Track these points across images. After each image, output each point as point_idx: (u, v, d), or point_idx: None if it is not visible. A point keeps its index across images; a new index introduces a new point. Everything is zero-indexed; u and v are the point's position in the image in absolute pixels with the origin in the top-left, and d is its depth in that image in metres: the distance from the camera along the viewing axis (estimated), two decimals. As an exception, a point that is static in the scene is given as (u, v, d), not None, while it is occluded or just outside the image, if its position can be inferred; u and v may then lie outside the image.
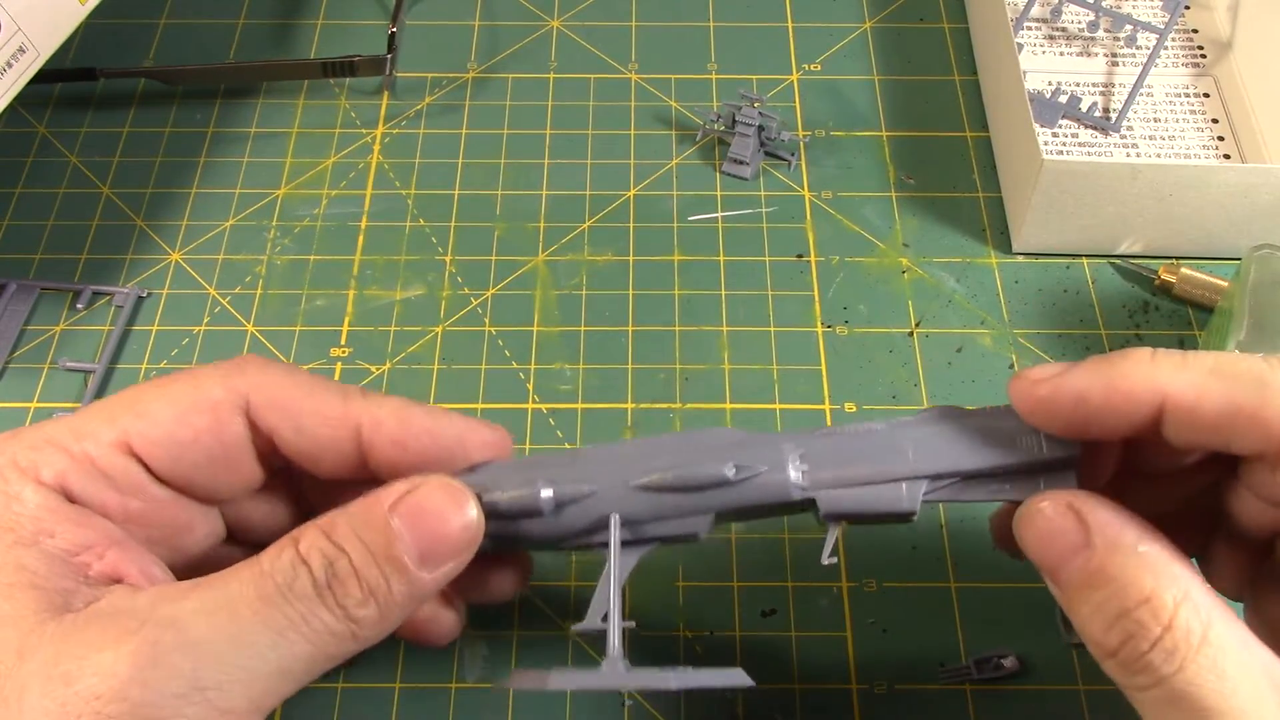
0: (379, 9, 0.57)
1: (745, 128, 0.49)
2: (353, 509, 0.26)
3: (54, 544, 0.25)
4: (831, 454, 0.29)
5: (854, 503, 0.29)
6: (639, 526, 0.29)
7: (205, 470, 0.28)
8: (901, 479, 0.29)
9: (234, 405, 0.28)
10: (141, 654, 0.23)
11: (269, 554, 0.25)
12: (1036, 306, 0.46)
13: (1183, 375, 0.26)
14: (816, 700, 0.36)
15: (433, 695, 0.37)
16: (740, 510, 0.29)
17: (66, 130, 0.51)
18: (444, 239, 0.48)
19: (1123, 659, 0.24)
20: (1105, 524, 0.26)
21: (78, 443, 0.26)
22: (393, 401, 0.29)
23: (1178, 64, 0.53)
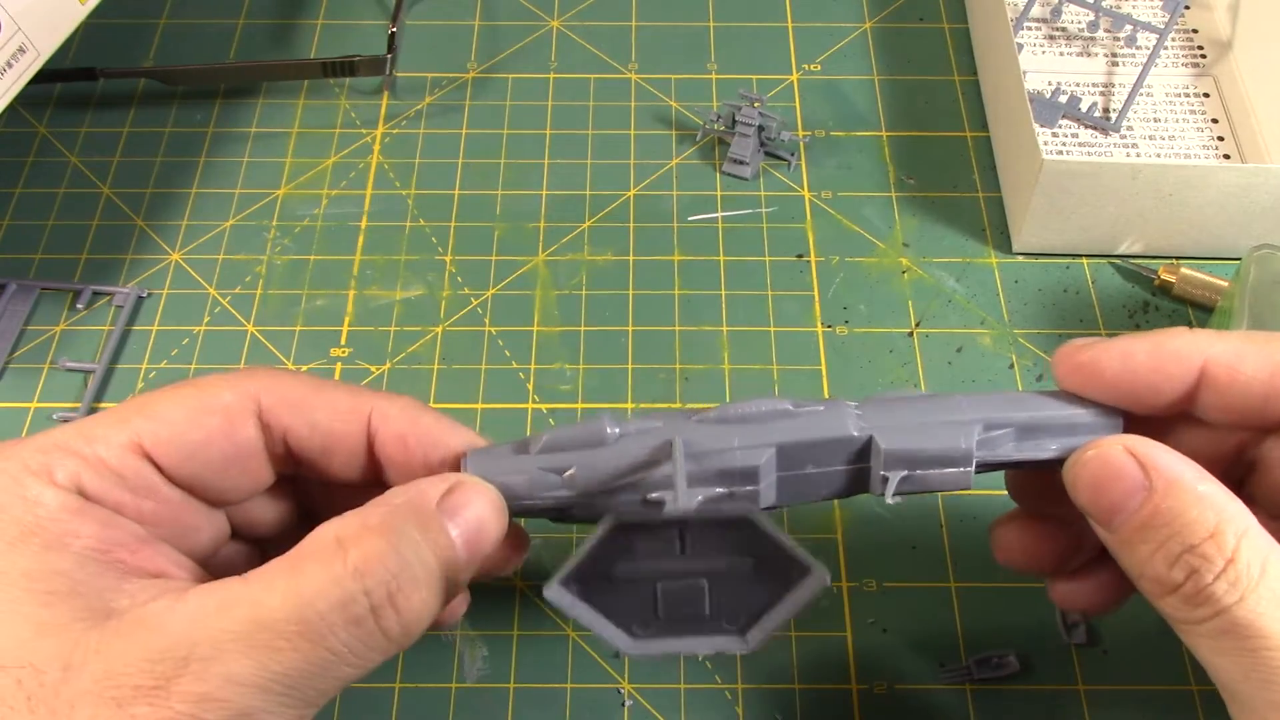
0: (379, 9, 0.57)
1: (745, 128, 0.49)
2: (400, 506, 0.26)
3: (83, 544, 0.25)
4: (886, 406, 0.30)
5: (911, 441, 0.29)
6: (701, 458, 0.28)
7: (217, 472, 0.28)
8: (956, 422, 0.29)
9: (245, 408, 0.28)
10: (192, 693, 0.23)
11: (309, 568, 0.24)
12: (1036, 306, 0.46)
13: (1221, 341, 0.27)
14: (816, 700, 0.36)
15: (433, 695, 0.37)
16: (799, 448, 0.29)
17: (66, 130, 0.51)
18: (444, 239, 0.48)
19: (1185, 593, 0.25)
20: (1165, 465, 0.26)
21: (89, 446, 0.26)
22: (403, 399, 0.30)
23: (1178, 64, 0.53)
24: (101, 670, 0.23)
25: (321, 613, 0.24)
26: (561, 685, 0.37)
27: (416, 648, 0.37)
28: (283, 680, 0.24)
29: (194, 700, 0.23)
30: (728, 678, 0.37)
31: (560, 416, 0.43)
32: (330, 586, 0.24)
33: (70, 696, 0.23)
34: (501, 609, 0.38)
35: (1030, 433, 0.29)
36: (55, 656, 0.23)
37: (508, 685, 0.37)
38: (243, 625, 0.24)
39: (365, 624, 0.24)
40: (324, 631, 0.24)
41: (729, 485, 0.29)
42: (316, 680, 0.24)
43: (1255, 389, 0.27)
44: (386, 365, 0.44)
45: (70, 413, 0.42)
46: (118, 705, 0.23)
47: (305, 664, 0.24)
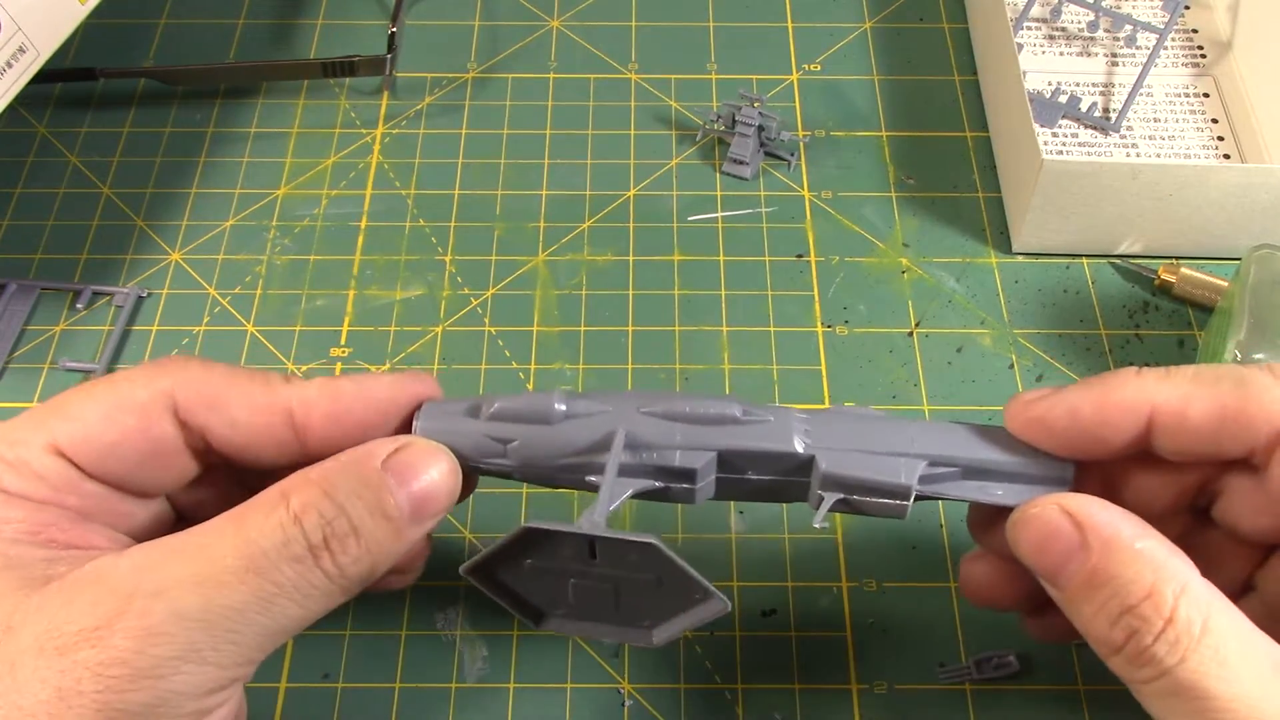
0: (379, 9, 0.57)
1: (745, 128, 0.49)
2: (345, 463, 0.27)
3: (13, 529, 0.25)
4: (836, 425, 0.30)
5: (852, 467, 0.29)
6: (642, 451, 0.29)
7: (136, 468, 0.28)
8: (901, 455, 0.29)
9: (160, 404, 0.28)
10: (135, 626, 0.23)
11: (254, 517, 0.25)
12: (1036, 306, 0.46)
13: (1168, 385, 0.27)
14: (816, 700, 0.36)
15: (433, 695, 0.37)
16: (741, 456, 0.29)
17: (66, 130, 0.51)
18: (444, 239, 0.48)
19: (1128, 654, 0.25)
20: (1101, 524, 0.26)
21: (10, 449, 0.27)
22: (317, 380, 0.30)
23: (1178, 64, 0.53)
24: (43, 626, 0.24)
25: (264, 550, 0.25)
26: (561, 685, 0.37)
27: (416, 648, 0.37)
28: (229, 615, 0.24)
29: (139, 635, 0.23)
30: (728, 678, 0.37)
31: (560, 416, 0.43)
32: (274, 529, 0.25)
33: (11, 655, 0.23)
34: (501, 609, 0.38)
35: (977, 474, 0.29)
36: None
37: (508, 685, 0.37)
38: (189, 565, 0.24)
39: (305, 562, 0.25)
40: (267, 567, 0.25)
41: (666, 480, 0.29)
42: (262, 617, 0.25)
43: (1205, 430, 0.27)
44: (386, 365, 0.44)
45: None
46: (60, 653, 0.23)
47: (251, 597, 0.24)
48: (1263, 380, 0.27)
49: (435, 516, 0.28)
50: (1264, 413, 0.26)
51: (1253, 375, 0.27)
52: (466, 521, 0.40)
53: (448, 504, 0.28)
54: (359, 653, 0.37)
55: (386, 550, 0.27)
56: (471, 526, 0.40)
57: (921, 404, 0.43)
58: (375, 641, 0.38)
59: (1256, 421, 0.26)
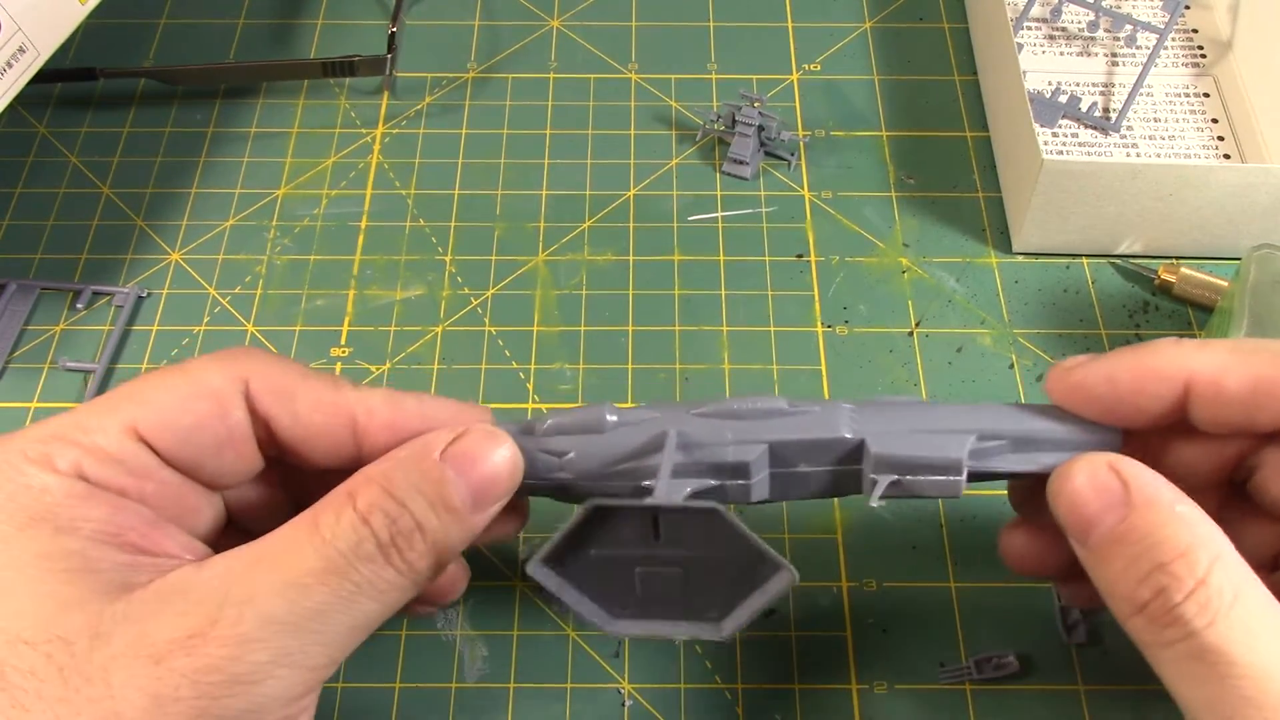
0: (379, 9, 0.57)
1: (745, 128, 0.49)
2: (403, 459, 0.27)
3: (93, 528, 0.25)
4: (882, 411, 0.30)
5: (903, 447, 0.29)
6: (694, 450, 0.29)
7: (211, 454, 0.28)
8: (949, 431, 0.29)
9: (234, 391, 0.28)
10: (229, 635, 0.24)
11: (326, 519, 0.26)
12: (1036, 306, 0.46)
13: (1205, 353, 0.27)
14: (816, 700, 0.36)
15: (433, 695, 0.37)
16: (792, 446, 0.29)
17: (66, 130, 0.51)
18: (444, 239, 0.48)
19: (1152, 612, 0.25)
20: (1144, 483, 0.26)
21: (85, 435, 0.26)
22: (382, 390, 0.30)
23: (1178, 64, 0.53)
24: (133, 633, 0.24)
25: (340, 551, 0.25)
26: (561, 685, 0.37)
27: (417, 648, 0.37)
28: (315, 617, 0.25)
29: (234, 643, 0.24)
30: (728, 678, 0.37)
31: (560, 416, 0.43)
32: (346, 530, 0.25)
33: (103, 662, 0.23)
34: (501, 609, 0.38)
35: (1024, 445, 0.29)
36: (82, 628, 0.24)
37: (508, 685, 0.37)
38: (273, 572, 0.25)
39: (377, 560, 0.26)
40: (344, 567, 0.25)
41: (720, 478, 0.30)
42: (344, 616, 0.25)
43: (1241, 400, 0.27)
44: (386, 365, 0.44)
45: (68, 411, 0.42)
46: (155, 662, 0.23)
47: (333, 598, 0.25)
48: None
49: (498, 501, 0.28)
50: None
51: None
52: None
53: (509, 487, 0.28)
54: (359, 653, 0.37)
55: (453, 540, 0.27)
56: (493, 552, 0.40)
57: (921, 404, 0.43)
58: (375, 641, 0.37)
59: None
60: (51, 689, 0.23)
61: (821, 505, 0.40)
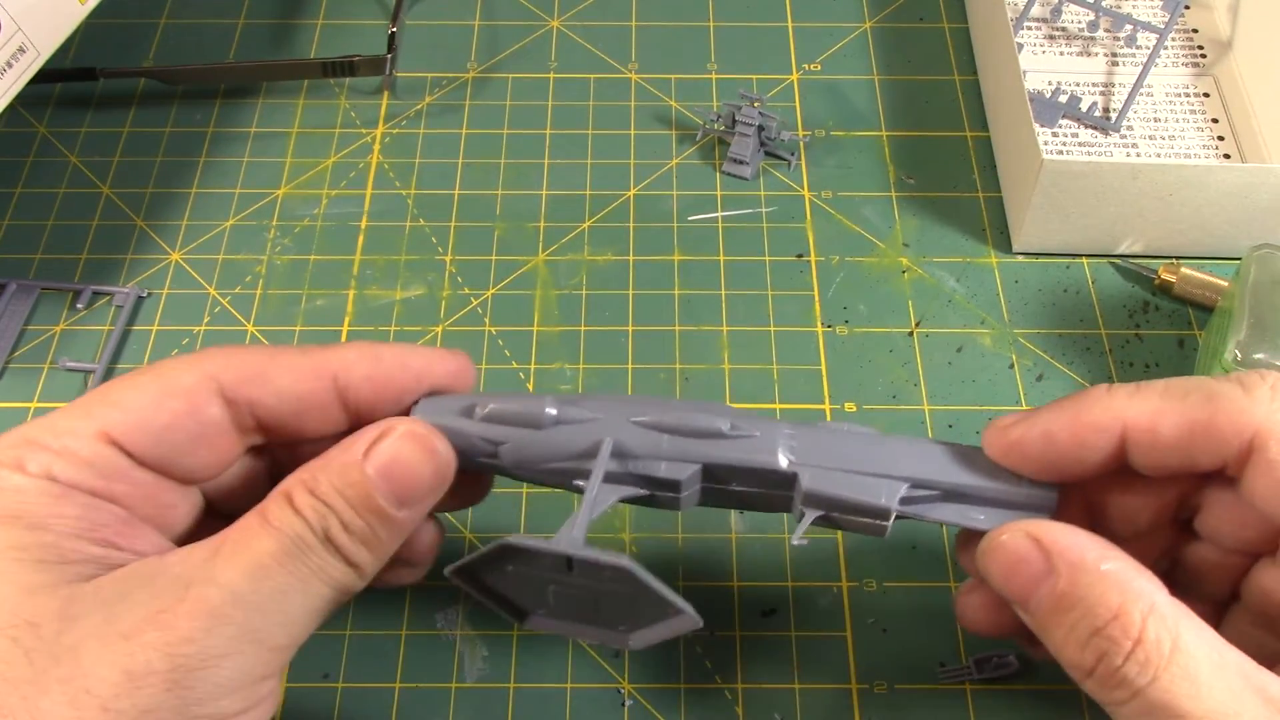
0: (379, 9, 0.57)
1: (745, 128, 0.49)
2: (330, 463, 0.27)
3: (66, 524, 0.26)
4: (822, 442, 0.30)
5: (833, 486, 0.29)
6: (628, 461, 0.29)
7: (186, 452, 0.28)
8: (882, 476, 0.29)
9: (206, 388, 0.28)
10: (198, 609, 0.24)
11: (274, 511, 0.26)
12: (1036, 306, 0.46)
13: (1137, 401, 0.28)
14: (816, 700, 0.36)
15: (433, 695, 0.37)
16: (725, 469, 0.30)
17: (66, 130, 0.51)
18: (444, 239, 0.48)
19: (1099, 677, 0.25)
20: (1066, 547, 0.26)
21: (57, 439, 0.27)
22: (357, 343, 0.30)
23: (1178, 64, 0.53)
24: (102, 614, 0.24)
25: (292, 539, 0.26)
26: (561, 685, 0.37)
27: (416, 648, 0.37)
28: (277, 597, 0.26)
29: (203, 617, 0.24)
30: (728, 678, 0.37)
31: (560, 416, 0.43)
32: (291, 521, 0.26)
33: (72, 642, 0.24)
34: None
35: (957, 498, 0.29)
36: (50, 611, 0.24)
37: (508, 685, 0.37)
38: (234, 556, 0.26)
39: (321, 551, 0.26)
40: (297, 553, 0.26)
41: (651, 489, 0.30)
42: (302, 597, 0.26)
43: (1177, 445, 0.27)
44: (386, 365, 0.44)
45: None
46: (125, 638, 0.24)
47: (292, 580, 0.26)
48: (1231, 392, 0.27)
49: (424, 500, 0.28)
50: (1233, 425, 0.26)
51: (1221, 388, 0.27)
52: (467, 522, 0.40)
53: (434, 486, 0.29)
54: (359, 653, 0.37)
55: (382, 539, 0.28)
56: (472, 527, 0.40)
57: (921, 404, 0.43)
58: (375, 641, 0.38)
59: (1226, 434, 0.26)
60: (17, 671, 0.23)
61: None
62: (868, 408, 0.43)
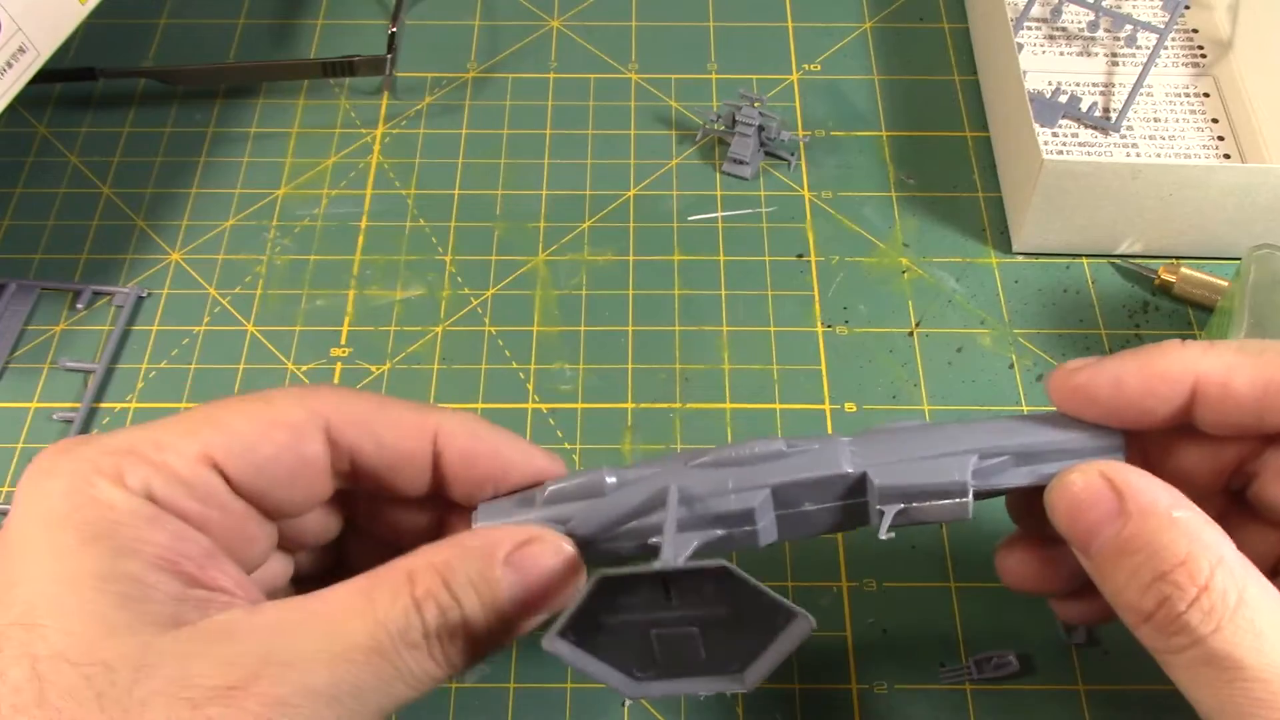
0: (379, 9, 0.57)
1: (745, 128, 0.49)
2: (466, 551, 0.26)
3: (153, 552, 0.25)
4: (880, 440, 0.30)
5: (904, 476, 0.29)
6: (696, 503, 0.29)
7: (283, 486, 0.28)
8: (949, 454, 0.29)
9: (314, 425, 0.28)
10: (269, 694, 0.23)
11: (381, 595, 0.25)
12: (1036, 306, 0.46)
13: (1212, 355, 0.27)
14: (816, 700, 0.36)
15: (433, 695, 0.36)
16: (794, 488, 0.29)
17: (66, 130, 0.51)
18: (444, 239, 0.48)
19: (1158, 621, 0.25)
20: (1139, 490, 0.26)
21: (159, 453, 0.26)
22: (466, 415, 0.30)
23: (1178, 64, 0.53)
24: (176, 672, 0.23)
25: (391, 634, 0.25)
26: (561, 685, 0.37)
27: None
28: (353, 693, 0.24)
29: (270, 703, 0.23)
30: (728, 678, 0.37)
31: (560, 416, 0.43)
32: (399, 614, 0.25)
33: (142, 696, 0.23)
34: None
35: (1027, 459, 0.29)
36: (127, 657, 0.23)
37: (508, 685, 0.37)
38: (321, 640, 0.24)
39: (421, 649, 0.25)
40: (391, 651, 0.25)
41: (726, 527, 0.29)
42: (380, 696, 0.25)
43: (1248, 403, 0.27)
44: (386, 365, 0.44)
45: (70, 413, 0.42)
46: (192, 706, 0.23)
47: (374, 679, 0.25)
48: None
49: (548, 612, 0.28)
50: None
51: None
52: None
53: (564, 600, 0.28)
54: (359, 653, 0.37)
55: (495, 643, 0.27)
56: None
57: (921, 404, 0.43)
58: (375, 641, 0.38)
59: None
60: (86, 713, 0.23)
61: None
62: (868, 407, 0.43)
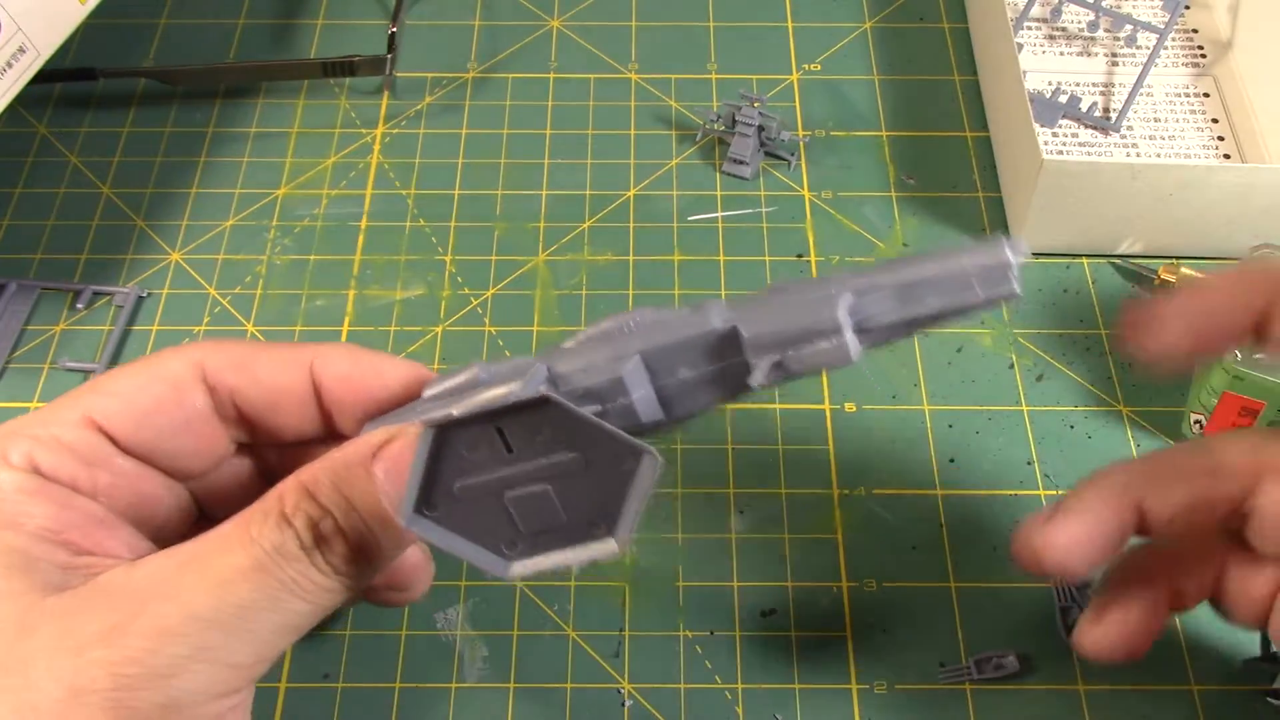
0: (379, 9, 0.57)
1: (745, 128, 0.49)
2: (334, 462, 0.27)
3: (36, 524, 0.25)
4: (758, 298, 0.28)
5: (775, 323, 0.27)
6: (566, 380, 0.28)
7: (170, 438, 0.28)
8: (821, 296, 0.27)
9: (191, 374, 0.29)
10: (150, 626, 0.24)
11: (254, 518, 0.26)
12: (1037, 306, 0.46)
13: None
14: (816, 700, 0.36)
15: (433, 695, 0.37)
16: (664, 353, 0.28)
17: (66, 130, 0.51)
18: (444, 239, 0.48)
19: None
20: None
21: (43, 427, 0.27)
22: (337, 344, 0.30)
23: (1178, 64, 0.53)
24: (58, 628, 0.24)
25: (266, 550, 0.25)
26: (561, 685, 0.37)
27: (417, 648, 0.37)
28: (240, 613, 0.25)
29: (153, 635, 0.24)
30: (728, 678, 0.37)
31: (560, 416, 0.43)
32: (271, 530, 0.25)
33: (25, 654, 0.24)
34: (501, 609, 0.38)
35: (909, 290, 0.28)
36: (9, 619, 0.24)
37: (508, 685, 0.37)
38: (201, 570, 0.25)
39: (303, 560, 0.25)
40: (270, 566, 0.25)
41: (600, 402, 0.28)
42: (271, 614, 0.25)
43: None
44: (386, 365, 0.44)
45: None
46: (75, 653, 0.23)
47: (259, 595, 0.25)
48: None
49: None
50: None
51: None
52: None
53: None
54: (359, 653, 0.37)
55: (382, 544, 0.27)
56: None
57: (922, 404, 0.43)
58: (375, 641, 0.38)
59: None
60: None
61: (820, 506, 0.40)
62: (867, 407, 0.43)
